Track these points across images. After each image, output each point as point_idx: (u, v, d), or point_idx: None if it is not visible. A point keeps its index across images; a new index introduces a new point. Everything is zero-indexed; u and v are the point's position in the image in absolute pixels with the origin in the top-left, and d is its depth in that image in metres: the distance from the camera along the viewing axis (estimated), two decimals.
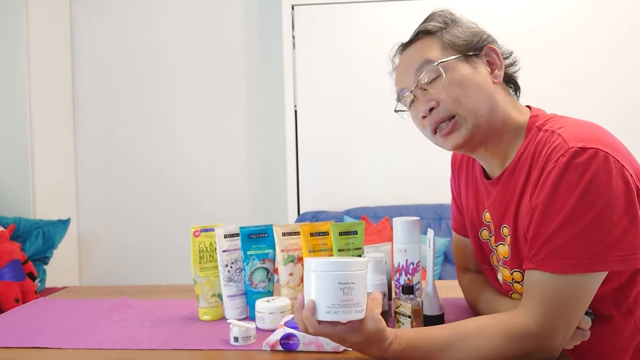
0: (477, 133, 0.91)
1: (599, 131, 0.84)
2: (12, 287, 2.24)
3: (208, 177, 3.14)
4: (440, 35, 0.93)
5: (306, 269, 0.79)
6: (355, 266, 0.77)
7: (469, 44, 0.92)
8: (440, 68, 0.90)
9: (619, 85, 2.72)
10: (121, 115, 3.19)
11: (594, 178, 0.77)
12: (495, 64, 0.94)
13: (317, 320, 0.76)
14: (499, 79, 0.93)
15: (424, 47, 0.93)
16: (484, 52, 0.93)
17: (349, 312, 0.75)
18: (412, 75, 0.93)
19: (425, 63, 0.91)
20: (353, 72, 2.87)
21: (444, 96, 0.90)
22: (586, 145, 0.79)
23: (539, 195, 0.82)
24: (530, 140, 0.89)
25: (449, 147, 0.94)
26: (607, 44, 2.73)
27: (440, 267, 2.48)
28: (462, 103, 0.89)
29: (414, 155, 2.83)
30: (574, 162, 0.78)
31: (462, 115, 0.90)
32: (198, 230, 1.11)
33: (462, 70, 0.90)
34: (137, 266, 3.18)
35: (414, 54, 0.94)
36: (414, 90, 0.93)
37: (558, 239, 0.79)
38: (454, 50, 0.91)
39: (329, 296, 0.75)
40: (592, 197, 0.77)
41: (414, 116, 0.98)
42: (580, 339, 0.84)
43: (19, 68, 2.80)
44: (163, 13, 3.15)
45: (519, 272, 0.92)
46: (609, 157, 0.78)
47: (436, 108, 0.91)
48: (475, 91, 0.90)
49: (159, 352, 0.92)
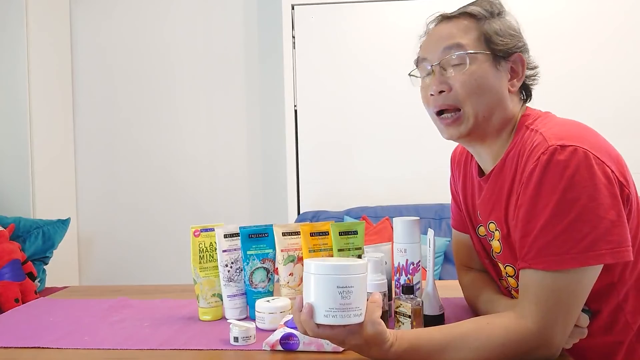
0: (476, 131, 0.93)
1: (581, 129, 0.85)
2: (12, 287, 2.24)
3: (208, 177, 3.14)
4: (481, 23, 0.92)
5: (305, 271, 0.78)
6: (354, 270, 0.76)
7: (504, 46, 0.92)
8: (468, 57, 0.90)
9: (621, 85, 2.72)
10: (121, 115, 3.19)
11: (575, 174, 0.78)
12: (517, 74, 0.94)
13: (316, 324, 0.76)
14: (515, 89, 0.94)
15: (461, 28, 0.93)
16: (512, 59, 0.93)
17: (347, 316, 0.75)
18: (439, 51, 0.93)
19: (456, 46, 0.91)
20: (353, 71, 2.87)
21: (459, 85, 0.91)
22: (565, 142, 0.80)
23: (523, 194, 0.83)
24: (518, 139, 0.91)
25: (446, 137, 0.96)
26: (608, 42, 2.73)
27: (440, 267, 2.48)
28: (472, 100, 0.90)
29: (414, 155, 2.83)
30: (554, 159, 0.79)
31: (466, 112, 0.91)
32: (198, 230, 1.11)
33: (485, 68, 0.91)
34: (137, 266, 3.18)
35: (450, 31, 0.93)
36: (435, 66, 0.93)
37: (546, 235, 0.79)
38: (487, 45, 0.91)
39: (327, 300, 0.74)
40: (575, 192, 0.78)
41: (424, 87, 0.98)
42: (579, 337, 0.85)
43: (19, 68, 2.80)
44: (163, 13, 3.14)
45: (511, 267, 0.94)
46: (588, 154, 0.79)
47: (447, 93, 0.92)
48: (489, 93, 0.91)
49: (159, 352, 0.92)
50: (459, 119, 0.92)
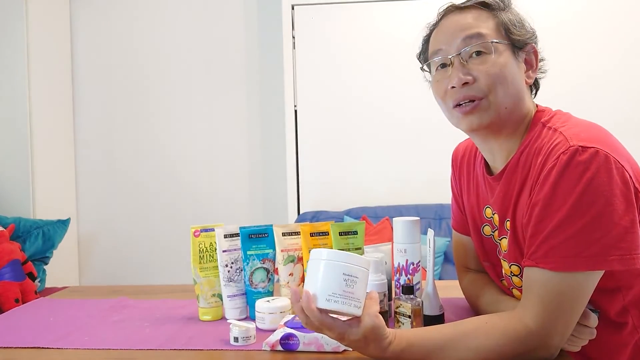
0: (495, 123, 0.90)
1: (600, 131, 0.84)
2: (12, 287, 2.24)
3: (208, 177, 3.15)
4: (496, 14, 0.91)
5: (314, 258, 0.80)
6: (361, 262, 0.78)
7: (521, 36, 0.90)
8: (492, 47, 0.88)
9: (621, 85, 2.72)
10: (121, 116, 3.19)
11: (594, 177, 0.77)
12: (532, 66, 0.93)
13: (317, 308, 0.76)
14: (531, 80, 0.93)
15: (479, 18, 0.91)
16: (527, 49, 0.92)
17: (348, 304, 0.76)
18: (457, 41, 0.90)
19: (477, 36, 0.89)
20: (353, 72, 2.87)
21: (483, 76, 0.88)
22: (587, 144, 0.79)
23: (539, 192, 0.82)
24: (534, 136, 0.89)
25: (464, 127, 0.92)
26: (616, 45, 2.73)
27: (440, 267, 2.48)
28: (497, 90, 0.88)
29: (414, 155, 2.83)
30: (574, 160, 0.78)
31: (490, 101, 0.88)
32: (198, 230, 1.11)
33: (507, 57, 0.89)
34: (137, 266, 3.18)
35: (467, 21, 0.91)
36: (455, 57, 0.90)
37: (558, 236, 0.78)
38: (506, 36, 0.90)
39: (331, 284, 0.76)
40: (592, 196, 0.77)
41: (438, 80, 0.94)
42: (589, 337, 0.85)
43: (19, 68, 2.80)
44: (163, 13, 3.15)
45: (517, 266, 0.92)
46: (609, 157, 0.78)
47: (471, 84, 0.88)
48: (511, 84, 0.89)
49: (159, 352, 0.92)
50: (479, 106, 0.88)
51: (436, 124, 0.98)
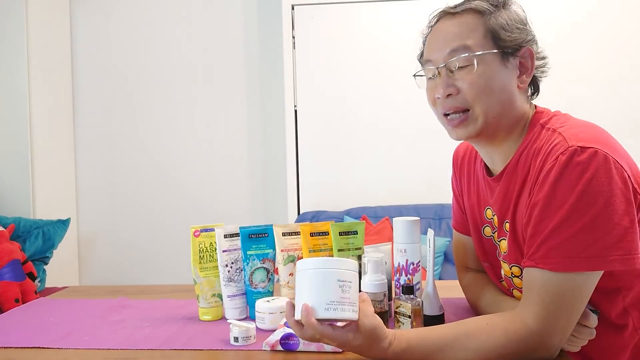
0: (485, 131, 0.91)
1: (599, 132, 0.84)
2: (12, 287, 2.24)
3: (208, 177, 3.14)
4: (486, 18, 0.89)
5: (301, 269, 0.78)
6: (350, 266, 0.78)
7: (512, 41, 0.89)
8: (475, 59, 0.87)
9: (622, 85, 2.72)
10: (121, 115, 3.19)
11: (593, 177, 0.77)
12: (527, 69, 0.91)
13: (316, 319, 0.75)
14: (525, 85, 0.92)
15: (466, 27, 0.89)
16: (521, 53, 0.90)
17: (346, 309, 0.75)
18: (444, 53, 0.90)
19: (463, 48, 0.88)
20: (353, 72, 2.87)
21: (467, 87, 0.88)
22: (586, 144, 0.79)
23: (538, 193, 0.82)
24: (532, 137, 0.89)
25: (454, 138, 0.94)
26: (616, 45, 2.73)
27: (440, 267, 2.48)
28: (481, 100, 0.88)
29: (414, 155, 2.83)
30: (573, 160, 0.78)
31: (475, 112, 0.89)
32: (198, 230, 1.11)
33: (494, 67, 0.88)
34: (137, 266, 3.18)
35: (455, 31, 0.90)
36: (441, 68, 0.91)
37: (557, 236, 0.78)
38: (494, 42, 0.88)
39: (328, 293, 0.75)
40: (592, 196, 0.77)
41: (430, 88, 0.95)
42: (588, 338, 0.85)
43: (19, 68, 2.80)
44: (163, 13, 3.14)
45: (517, 267, 0.92)
46: (608, 158, 0.78)
47: (454, 95, 0.89)
48: (498, 93, 0.88)
49: (159, 352, 0.92)
50: (467, 119, 0.90)
51: (436, 124, 0.97)
